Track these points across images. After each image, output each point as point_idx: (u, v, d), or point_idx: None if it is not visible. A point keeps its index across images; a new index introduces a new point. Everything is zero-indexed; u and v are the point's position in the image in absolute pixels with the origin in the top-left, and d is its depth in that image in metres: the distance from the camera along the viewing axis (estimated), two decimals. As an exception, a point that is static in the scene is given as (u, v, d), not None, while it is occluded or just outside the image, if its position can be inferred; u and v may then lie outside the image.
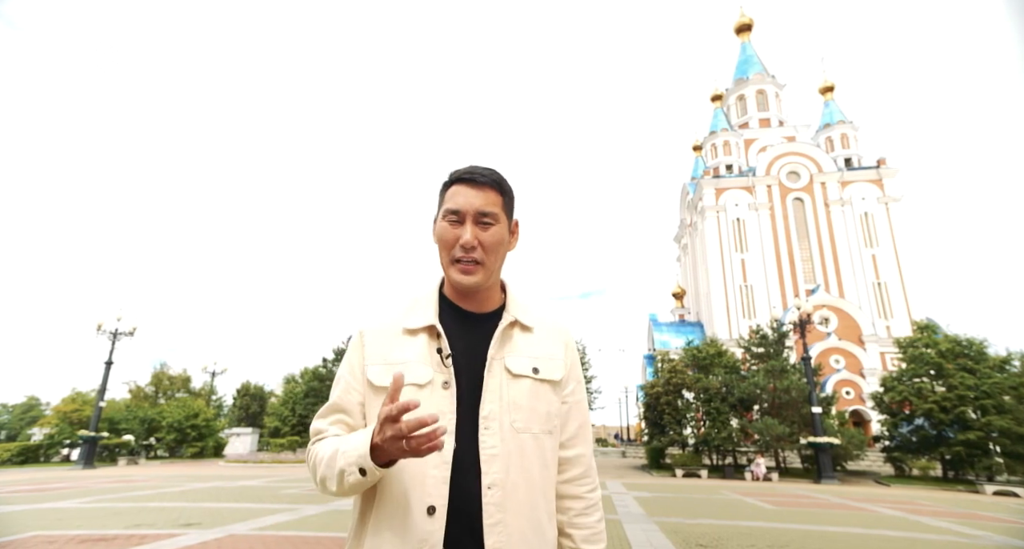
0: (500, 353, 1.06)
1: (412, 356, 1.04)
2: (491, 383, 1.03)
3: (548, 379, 1.08)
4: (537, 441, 1.03)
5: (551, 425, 1.07)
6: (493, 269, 1.07)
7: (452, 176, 1.09)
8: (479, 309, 1.11)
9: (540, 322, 1.14)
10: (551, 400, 1.08)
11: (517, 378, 1.05)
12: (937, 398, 22.90)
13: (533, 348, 1.10)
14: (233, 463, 23.26)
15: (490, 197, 1.06)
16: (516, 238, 1.14)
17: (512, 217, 1.12)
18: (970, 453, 22.36)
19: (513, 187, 1.14)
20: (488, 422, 1.00)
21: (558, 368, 1.10)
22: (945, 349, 23.78)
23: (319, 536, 5.99)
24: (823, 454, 20.53)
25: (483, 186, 1.06)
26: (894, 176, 41.38)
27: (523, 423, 1.02)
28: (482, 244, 1.04)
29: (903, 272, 38.83)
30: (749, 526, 7.72)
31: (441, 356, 1.04)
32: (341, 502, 9.06)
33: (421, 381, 1.01)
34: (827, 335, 36.42)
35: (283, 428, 37.22)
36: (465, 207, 1.04)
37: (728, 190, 43.32)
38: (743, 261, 41.14)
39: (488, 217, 1.05)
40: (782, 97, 49.03)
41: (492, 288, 1.11)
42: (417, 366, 1.03)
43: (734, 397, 24.54)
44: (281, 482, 13.72)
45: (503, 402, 1.02)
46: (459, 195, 1.06)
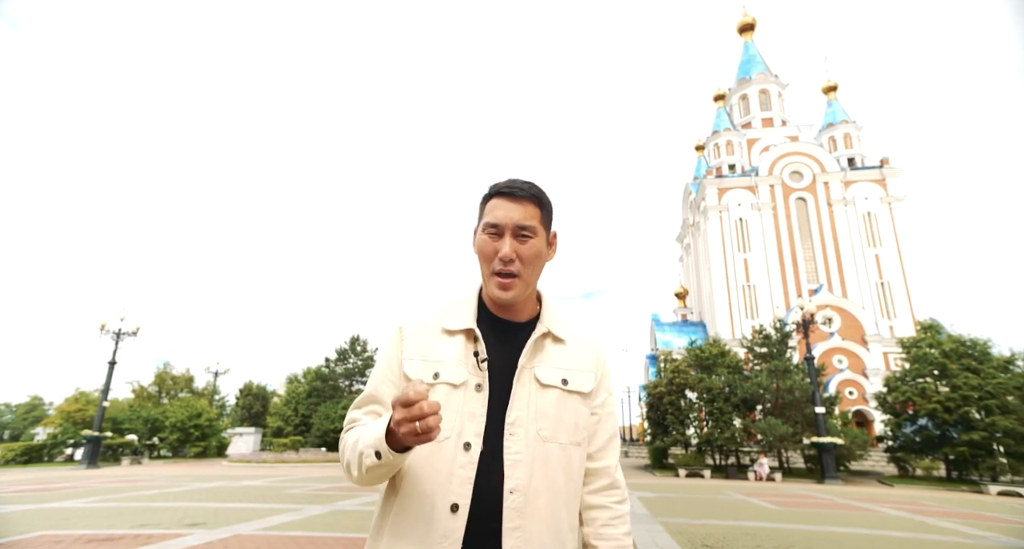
0: (531, 362, 1.08)
1: (449, 356, 1.07)
2: (519, 391, 1.05)
3: (577, 391, 1.10)
4: (564, 451, 1.05)
5: (579, 437, 1.09)
6: (530, 281, 1.10)
7: (492, 190, 1.12)
8: (514, 318, 1.14)
9: (573, 334, 1.17)
10: (579, 411, 1.09)
11: (546, 388, 1.07)
12: (941, 398, 22.83)
13: (564, 360, 1.12)
14: (236, 463, 23.31)
15: (529, 210, 1.08)
16: (554, 250, 1.17)
17: (550, 229, 1.14)
18: (974, 453, 22.29)
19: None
20: (514, 428, 1.02)
21: (588, 380, 1.12)
22: (949, 349, 23.71)
23: (324, 536, 6.00)
24: (826, 454, 20.49)
25: (522, 200, 1.08)
26: (897, 176, 41.28)
27: (550, 432, 1.04)
28: (520, 257, 1.06)
29: (906, 272, 38.73)
30: (754, 526, 7.71)
31: (477, 359, 1.06)
32: (345, 502, 9.07)
33: (456, 381, 1.04)
34: (830, 335, 36.34)
35: (286, 428, 37.26)
36: (504, 221, 1.07)
37: (731, 190, 43.26)
38: (746, 261, 41.07)
39: (527, 230, 1.07)
40: (785, 97, 48.96)
41: (528, 299, 1.13)
42: (452, 367, 1.06)
43: (737, 397, 24.50)
44: (285, 482, 13.74)
45: (530, 410, 1.04)
46: (498, 209, 1.08)
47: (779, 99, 48.58)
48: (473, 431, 1.01)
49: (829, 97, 47.05)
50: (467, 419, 1.02)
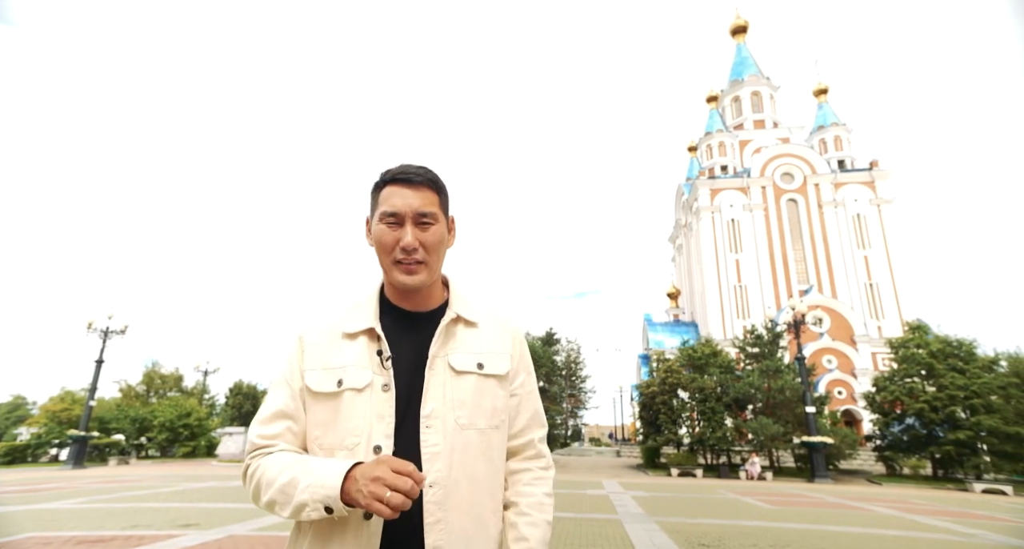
0: (443, 350, 1.05)
1: (351, 360, 1.03)
2: (433, 381, 1.02)
3: (494, 374, 1.07)
4: (483, 436, 1.03)
5: (498, 420, 1.06)
6: (435, 269, 1.07)
7: (385, 176, 1.07)
8: (421, 308, 1.10)
9: (485, 316, 1.13)
10: (497, 395, 1.07)
11: (461, 375, 1.04)
12: (928, 398, 23.16)
13: (478, 343, 1.09)
14: (226, 463, 23.08)
15: (427, 197, 1.05)
16: (454, 235, 1.14)
17: (448, 214, 1.11)
18: (959, 452, 22.65)
19: (448, 185, 1.13)
20: (430, 420, 0.99)
21: (504, 362, 1.09)
22: (936, 349, 24.05)
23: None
24: (817, 453, 20.68)
25: (419, 186, 1.04)
26: (886, 178, 41.77)
27: (468, 419, 1.02)
28: (424, 245, 1.03)
29: (894, 273, 39.22)
30: (749, 526, 7.75)
31: (381, 358, 1.02)
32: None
33: (359, 385, 1.00)
34: (820, 335, 36.70)
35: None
36: (403, 209, 1.03)
37: (723, 191, 43.54)
38: (737, 261, 41.37)
39: (427, 217, 1.04)
40: (776, 99, 49.37)
41: (433, 286, 1.10)
42: (356, 370, 1.02)
43: (729, 397, 24.67)
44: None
45: (446, 399, 1.01)
46: (395, 196, 1.04)
47: (771, 101, 48.97)
48: (382, 433, 0.97)
49: (820, 100, 47.50)
50: (375, 421, 0.98)
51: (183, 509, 8.13)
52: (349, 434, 0.99)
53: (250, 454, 1.03)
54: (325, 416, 1.02)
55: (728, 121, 49.72)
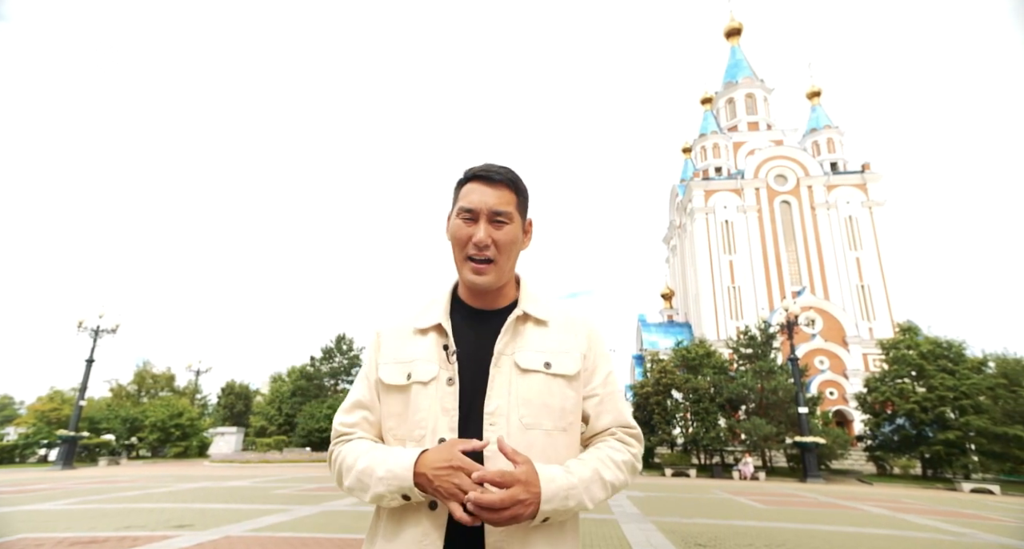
0: (509, 348, 1.05)
1: (420, 354, 1.06)
2: (498, 378, 1.02)
3: (562, 374, 1.05)
4: (549, 438, 1.01)
5: (565, 422, 1.04)
6: (506, 268, 1.07)
7: (467, 173, 1.09)
8: (491, 306, 1.11)
9: (555, 315, 1.12)
10: (566, 395, 1.05)
11: (527, 373, 1.03)
12: (918, 398, 23.41)
13: (546, 342, 1.08)
14: (218, 463, 22.94)
15: (504, 196, 1.05)
16: (530, 237, 1.14)
17: (526, 216, 1.12)
18: (948, 452, 22.92)
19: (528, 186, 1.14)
20: (494, 418, 0.99)
21: (573, 362, 1.07)
22: (926, 351, 24.31)
23: (316, 537, 5.92)
24: (809, 454, 20.84)
25: (498, 184, 1.05)
26: (878, 181, 42.16)
27: (532, 419, 1.01)
28: (495, 243, 1.04)
29: (885, 275, 39.59)
30: (744, 525, 7.80)
31: (447, 353, 1.05)
32: (335, 503, 8.98)
33: (425, 378, 1.03)
34: (812, 336, 36.99)
35: (269, 427, 36.81)
36: (479, 205, 1.04)
37: (717, 192, 43.78)
38: (731, 262, 41.60)
39: (502, 216, 1.04)
40: (770, 101, 49.69)
41: (506, 286, 1.11)
42: (423, 364, 1.05)
43: (722, 397, 24.82)
44: (271, 482, 13.56)
45: (511, 397, 1.01)
46: (473, 193, 1.05)
47: (764, 103, 49.28)
48: (447, 426, 0.99)
49: (813, 102, 47.86)
50: (440, 415, 1.00)
51: (177, 510, 8.07)
52: (417, 426, 1.02)
53: (334, 441, 1.11)
54: (397, 408, 1.06)
55: (722, 123, 49.99)
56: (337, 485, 1.05)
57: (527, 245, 1.14)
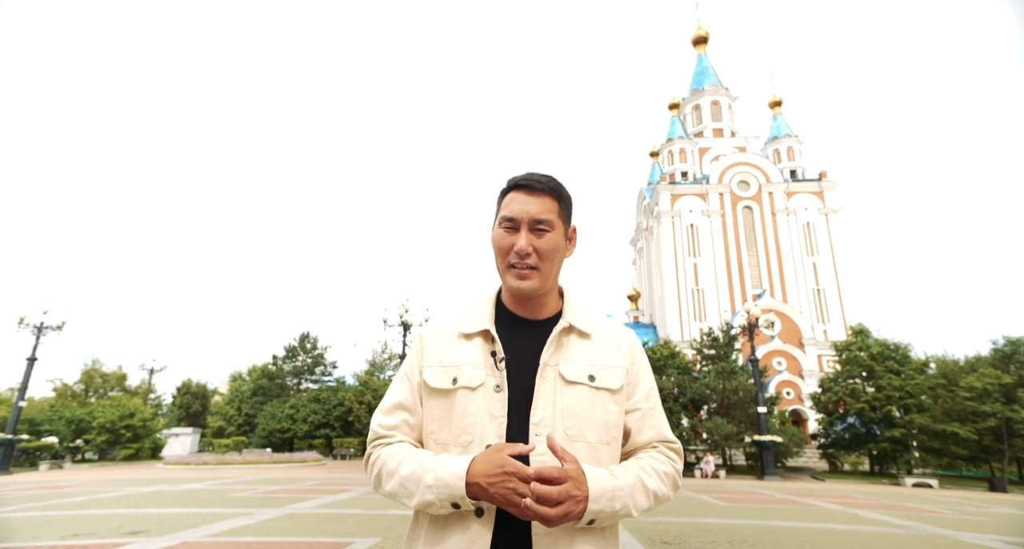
0: (554, 359, 1.06)
1: (466, 359, 1.07)
2: (543, 389, 1.02)
3: (606, 387, 1.06)
4: (593, 450, 1.02)
5: (609, 436, 1.05)
6: (549, 275, 1.07)
7: (509, 183, 1.10)
8: (535, 316, 1.12)
9: (599, 328, 1.13)
10: (609, 409, 1.06)
11: (571, 385, 1.04)
12: (868, 398, 24.57)
13: (590, 355, 1.08)
14: (173, 465, 22.01)
15: (546, 204, 1.06)
16: (574, 244, 1.15)
17: (570, 223, 1.13)
18: (894, 449, 24.17)
19: (571, 193, 1.14)
20: (539, 428, 0.99)
21: (617, 376, 1.08)
22: (876, 353, 25.53)
23: (282, 541, 5.76)
24: (767, 452, 21.56)
25: (539, 192, 1.06)
26: (834, 189, 43.98)
27: (577, 431, 1.01)
28: (537, 251, 1.05)
29: (839, 279, 41.36)
30: (707, 523, 8.00)
31: (495, 360, 1.05)
32: (300, 505, 8.75)
33: (473, 384, 1.03)
34: (771, 338, 38.28)
35: (228, 428, 35.68)
36: (520, 214, 1.05)
37: (683, 196, 44.80)
38: (695, 265, 42.64)
39: (543, 224, 1.05)
40: (734, 109, 51.13)
41: (548, 294, 1.12)
42: (470, 369, 1.05)
43: (686, 397, 25.41)
44: (231, 485, 13.12)
45: (556, 409, 1.01)
46: (515, 202, 1.06)
47: (729, 111, 50.69)
48: (495, 433, 0.99)
49: (775, 111, 49.55)
50: (488, 421, 1.01)
51: (129, 515, 7.70)
52: (463, 431, 1.02)
53: (372, 442, 1.10)
54: (440, 412, 1.06)
55: (689, 128, 51.17)
56: (374, 488, 1.04)
57: (571, 252, 1.15)
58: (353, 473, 18.83)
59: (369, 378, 34.58)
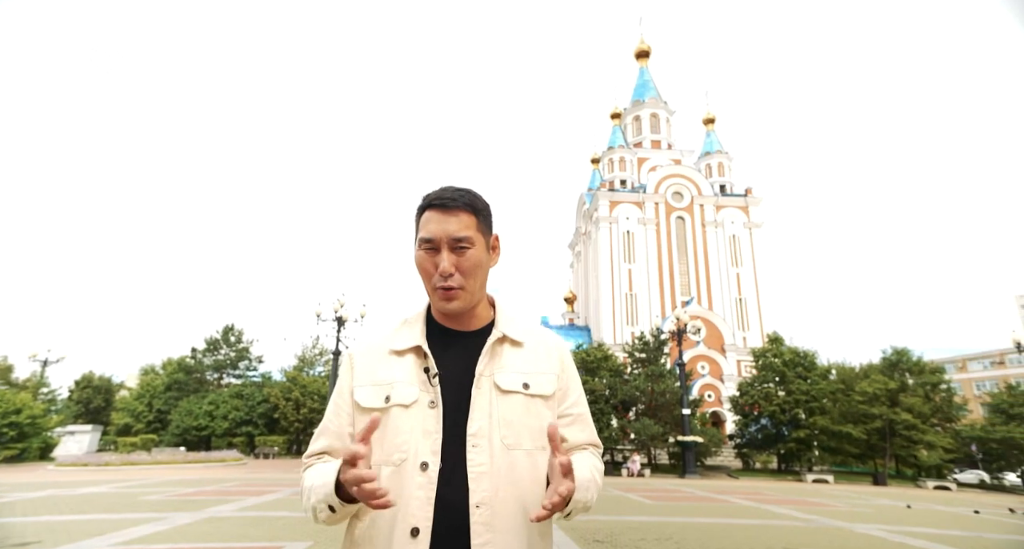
0: (488, 369, 1.06)
1: (399, 376, 1.06)
2: (479, 400, 1.03)
3: (539, 394, 1.08)
4: (530, 458, 1.03)
5: (544, 441, 1.05)
6: (475, 291, 1.08)
7: (424, 201, 1.08)
8: (467, 328, 1.12)
9: (531, 336, 1.15)
10: (543, 415, 1.08)
11: (507, 394, 1.05)
12: (779, 401, 26.53)
13: (523, 363, 1.10)
14: (67, 467, 19.99)
15: (463, 220, 1.05)
16: (498, 253, 1.15)
17: (491, 233, 1.12)
18: (798, 448, 26.28)
19: (488, 202, 1.14)
20: (476, 439, 1.00)
21: (550, 383, 1.11)
22: (788, 359, 27.62)
23: (202, 548, 5.40)
24: (688, 452, 22.73)
25: (454, 210, 1.05)
26: (758, 204, 47.09)
27: (514, 439, 1.02)
28: (460, 270, 1.04)
29: (760, 290, 44.35)
30: (635, 521, 8.32)
31: (428, 375, 1.04)
32: (220, 508, 8.24)
33: (407, 401, 1.03)
34: (697, 343, 40.40)
35: (136, 425, 32.97)
36: (438, 234, 1.04)
37: (621, 204, 46.32)
38: (630, 271, 44.24)
39: (463, 242, 1.04)
40: (672, 122, 53.50)
41: (478, 307, 1.13)
42: (403, 387, 1.04)
43: (616, 399, 26.28)
44: (139, 487, 12.10)
45: (492, 419, 1.02)
46: (431, 222, 1.05)
47: (667, 124, 52.96)
48: (429, 449, 0.98)
49: (708, 128, 52.33)
50: (422, 438, 1.00)
51: (15, 525, 6.93)
52: (396, 450, 1.00)
53: (303, 468, 1.10)
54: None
55: (629, 138, 52.96)
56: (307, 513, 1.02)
57: (496, 261, 1.14)
58: (278, 473, 17.96)
59: (298, 374, 33.13)
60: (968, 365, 54.07)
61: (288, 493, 11.01)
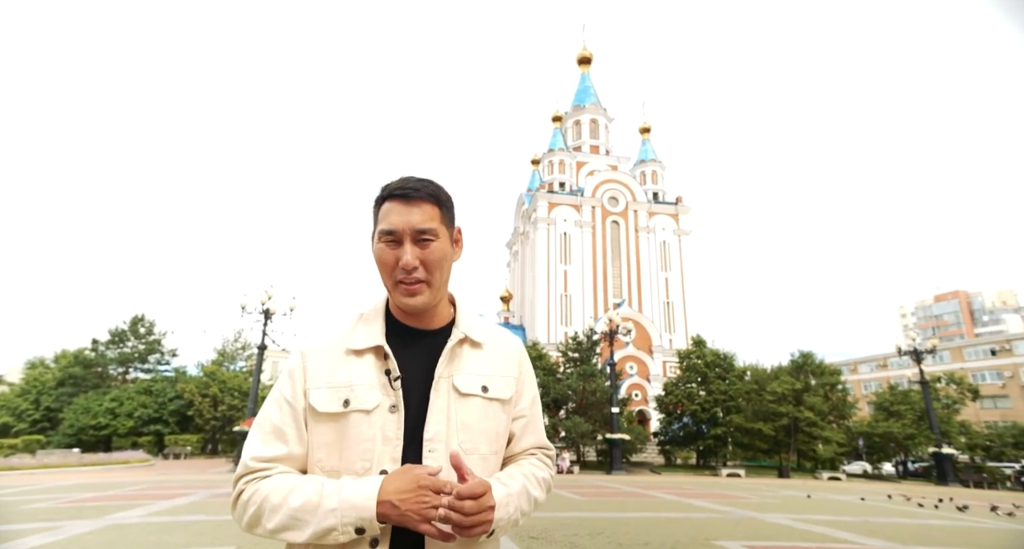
0: (447, 371, 1.03)
1: (358, 379, 0.99)
2: (438, 403, 1.00)
3: (498, 397, 1.06)
4: (485, 462, 1.01)
5: (499, 445, 1.06)
6: (439, 286, 1.03)
7: (383, 192, 1.03)
8: (428, 326, 1.08)
9: (490, 338, 1.12)
10: (500, 419, 1.06)
11: (465, 397, 1.02)
12: (701, 401, 28.09)
13: (483, 366, 1.07)
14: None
15: (427, 211, 1.01)
16: (461, 247, 1.11)
17: (454, 226, 1.08)
18: (715, 444, 27.97)
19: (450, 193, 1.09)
20: (433, 444, 0.97)
21: (508, 386, 1.09)
22: (710, 361, 29.28)
23: (102, 561, 4.90)
24: (615, 449, 23.55)
25: (417, 201, 1.00)
26: (687, 213, 49.55)
27: (471, 444, 1.00)
28: (424, 263, 1.00)
29: (686, 294, 46.72)
30: (568, 517, 8.49)
31: (389, 378, 0.99)
32: (123, 514, 7.52)
33: (368, 406, 0.97)
34: (626, 344, 41.88)
35: (17, 425, 29.57)
36: (401, 226, 0.99)
37: (559, 206, 47.19)
38: (566, 272, 45.17)
39: (427, 234, 1.00)
40: (610, 129, 55.14)
41: (440, 304, 1.09)
42: (364, 391, 0.98)
43: (549, 397, 26.75)
44: (21, 494, 10.81)
45: (450, 423, 0.99)
46: (393, 213, 1.00)
47: (606, 130, 54.53)
48: (389, 457, 0.95)
49: (644, 137, 54.43)
50: (382, 444, 0.96)
51: None
52: (359, 458, 0.95)
53: (244, 479, 0.96)
54: (330, 438, 0.98)
55: (569, 142, 54.03)
56: (247, 529, 0.92)
57: (459, 255, 1.09)
58: (192, 474, 16.73)
59: (217, 369, 31.01)
60: (859, 367, 59.94)
61: (205, 495, 10.29)
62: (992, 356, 47.50)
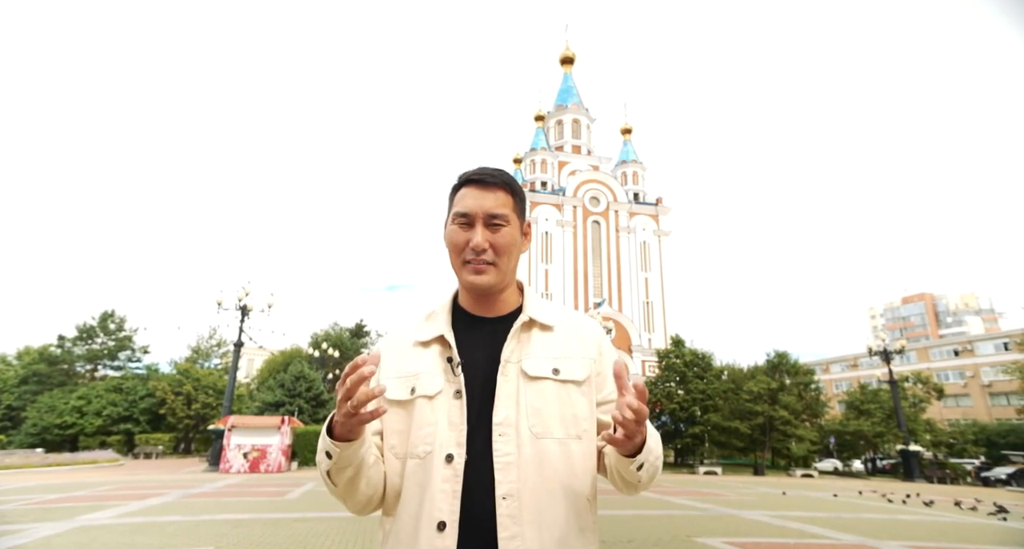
0: (515, 355, 1.03)
1: (424, 367, 1.04)
2: (505, 387, 0.99)
3: (572, 379, 1.03)
4: (563, 446, 0.98)
5: (579, 429, 1.01)
6: (506, 270, 1.05)
7: (461, 178, 1.08)
8: (494, 313, 1.09)
9: (562, 320, 1.10)
10: (577, 402, 1.02)
11: (535, 380, 1.01)
12: (680, 400, 28.46)
13: (553, 348, 1.05)
14: None
15: (500, 198, 1.04)
16: (529, 239, 1.14)
17: (524, 218, 1.11)
18: (693, 443, 28.40)
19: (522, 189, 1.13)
20: (503, 428, 0.96)
21: (582, 367, 1.05)
22: (688, 360, 29.68)
23: (74, 564, 4.73)
24: (595, 447, 23.69)
25: (493, 187, 1.05)
26: (667, 214, 50.15)
27: (542, 428, 0.98)
28: (493, 246, 1.03)
29: (665, 295, 47.29)
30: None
31: (451, 365, 1.02)
32: (93, 515, 7.28)
33: (431, 392, 1.00)
34: (606, 343, 42.30)
35: (-23, 424, 28.44)
36: (475, 209, 1.03)
37: (541, 205, 47.30)
38: (547, 271, 45.32)
39: (499, 219, 1.03)
40: (592, 129, 55.47)
41: (507, 290, 1.11)
42: (428, 377, 1.02)
43: (529, 397, 26.82)
44: (-16, 496, 10.40)
45: (520, 407, 0.98)
46: (468, 197, 1.04)
47: (588, 130, 54.83)
48: (454, 441, 0.96)
49: (625, 138, 54.89)
50: (447, 429, 0.97)
51: None
52: (421, 442, 0.98)
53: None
54: (400, 424, 1.02)
55: (551, 141, 54.17)
56: (336, 496, 1.02)
57: (526, 247, 1.13)
58: (164, 474, 16.28)
59: (191, 366, 30.27)
60: (831, 367, 61.58)
61: (179, 495, 10.03)
62: (955, 356, 49.27)
